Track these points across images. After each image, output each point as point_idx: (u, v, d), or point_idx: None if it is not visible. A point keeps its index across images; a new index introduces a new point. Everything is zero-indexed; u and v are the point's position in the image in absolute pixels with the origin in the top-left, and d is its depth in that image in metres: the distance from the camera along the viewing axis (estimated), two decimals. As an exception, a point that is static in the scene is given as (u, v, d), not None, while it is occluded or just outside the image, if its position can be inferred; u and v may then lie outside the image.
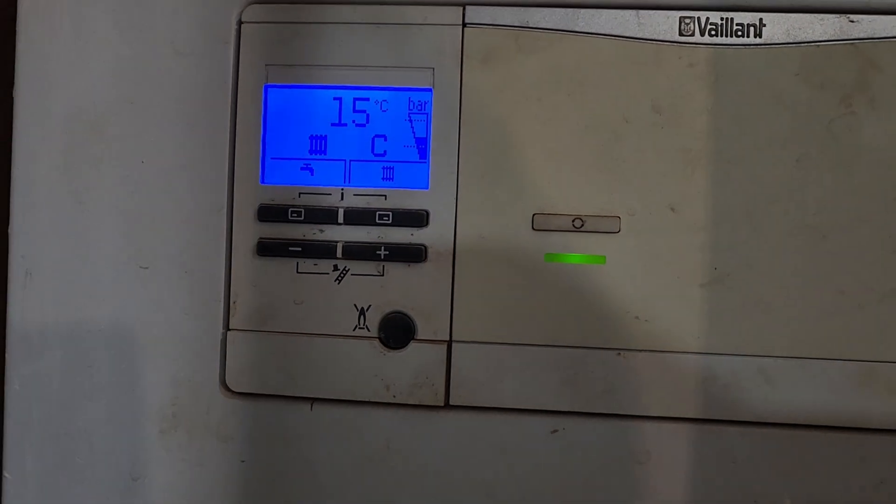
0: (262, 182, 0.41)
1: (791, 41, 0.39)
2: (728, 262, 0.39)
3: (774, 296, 0.39)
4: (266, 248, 0.41)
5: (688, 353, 0.39)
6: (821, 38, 0.39)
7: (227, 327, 0.41)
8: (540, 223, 0.40)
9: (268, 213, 0.41)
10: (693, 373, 0.39)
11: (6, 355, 0.42)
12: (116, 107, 0.41)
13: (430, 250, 0.40)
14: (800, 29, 0.39)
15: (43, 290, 0.41)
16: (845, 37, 0.39)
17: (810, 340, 0.39)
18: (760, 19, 0.39)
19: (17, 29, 0.41)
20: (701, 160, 0.39)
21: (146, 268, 0.41)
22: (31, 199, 0.41)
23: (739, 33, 0.39)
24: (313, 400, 0.41)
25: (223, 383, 0.41)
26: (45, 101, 0.41)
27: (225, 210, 0.41)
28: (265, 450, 0.41)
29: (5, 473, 0.41)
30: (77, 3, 0.41)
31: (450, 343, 0.40)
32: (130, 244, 0.41)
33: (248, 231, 0.41)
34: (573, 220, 0.39)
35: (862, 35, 0.39)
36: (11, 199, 0.41)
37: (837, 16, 0.39)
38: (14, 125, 0.41)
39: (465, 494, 0.40)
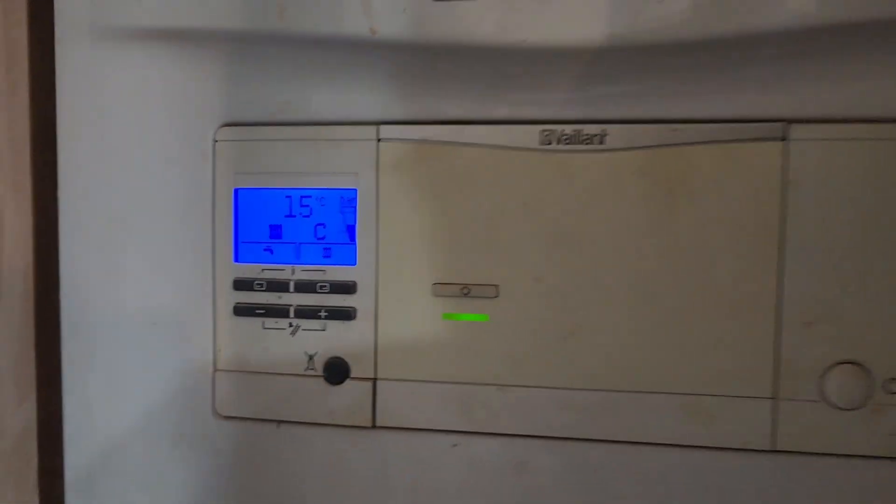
0: (235, 261, 0.55)
1: (628, 146, 0.50)
2: (581, 319, 0.51)
3: (618, 344, 0.50)
4: (240, 311, 0.54)
5: (552, 388, 0.51)
6: (652, 144, 0.50)
7: (215, 368, 0.55)
8: (437, 291, 0.52)
9: (240, 285, 0.54)
10: (556, 403, 0.51)
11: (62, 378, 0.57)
12: (132, 205, 0.55)
13: (358, 311, 0.53)
14: (635, 137, 0.50)
15: (88, 342, 0.56)
16: (670, 142, 0.49)
17: (646, 378, 0.50)
18: (604, 130, 0.50)
19: (58, 149, 0.56)
20: (559, 242, 0.51)
21: (156, 323, 0.56)
22: (76, 274, 0.56)
23: (587, 142, 0.50)
24: (279, 422, 0.55)
25: (214, 409, 0.56)
26: (83, 201, 0.55)
27: (210, 281, 0.55)
28: (245, 459, 0.55)
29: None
30: (100, 128, 0.55)
31: (375, 380, 0.53)
32: (147, 308, 0.56)
33: (227, 297, 0.55)
34: (462, 289, 0.52)
35: (684, 141, 0.49)
36: (61, 279, 0.56)
37: (664, 125, 0.49)
38: (60, 223, 0.56)
39: (390, 496, 0.54)
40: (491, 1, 0.47)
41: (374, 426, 0.54)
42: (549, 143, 0.51)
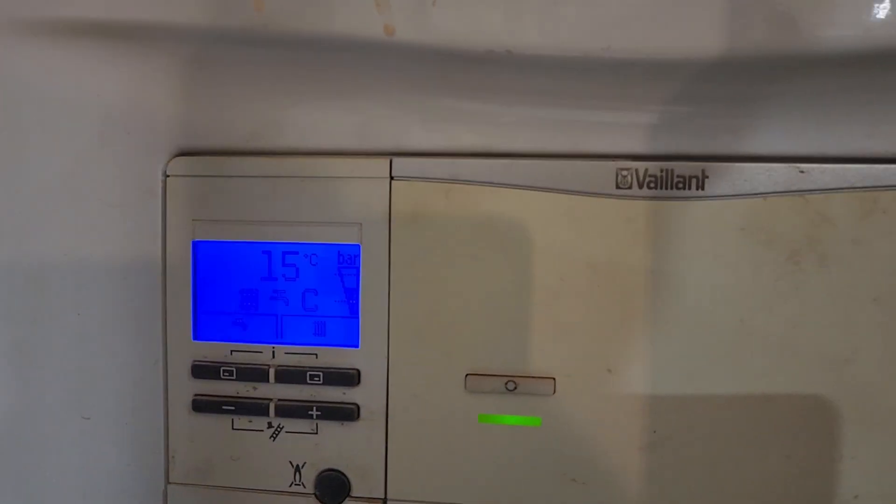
0: (195, 338, 0.40)
1: (736, 193, 0.37)
2: (667, 425, 0.38)
3: (715, 461, 0.37)
4: (201, 406, 0.40)
5: (625, 516, 0.38)
6: (768, 191, 0.36)
7: (167, 481, 0.41)
8: (472, 385, 0.38)
9: (201, 371, 0.40)
10: (632, 536, 0.38)
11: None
12: (52, 260, 0.41)
13: (362, 409, 0.39)
14: (745, 180, 0.36)
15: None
16: (794, 188, 0.36)
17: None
18: (703, 170, 0.37)
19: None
20: (640, 321, 0.37)
21: (88, 418, 0.41)
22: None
23: (680, 185, 0.37)
24: (254, 553, 0.41)
25: (166, 536, 0.41)
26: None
27: (161, 364, 0.41)
28: None
29: None
30: (10, 151, 0.41)
31: (384, 501, 0.40)
32: (72, 395, 0.41)
33: (183, 387, 0.41)
34: (506, 383, 0.38)
35: (812, 187, 0.36)
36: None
37: (786, 165, 0.36)
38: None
39: None
40: (561, -9, 0.33)
41: (383, 562, 0.40)
42: (629, 187, 0.37)
